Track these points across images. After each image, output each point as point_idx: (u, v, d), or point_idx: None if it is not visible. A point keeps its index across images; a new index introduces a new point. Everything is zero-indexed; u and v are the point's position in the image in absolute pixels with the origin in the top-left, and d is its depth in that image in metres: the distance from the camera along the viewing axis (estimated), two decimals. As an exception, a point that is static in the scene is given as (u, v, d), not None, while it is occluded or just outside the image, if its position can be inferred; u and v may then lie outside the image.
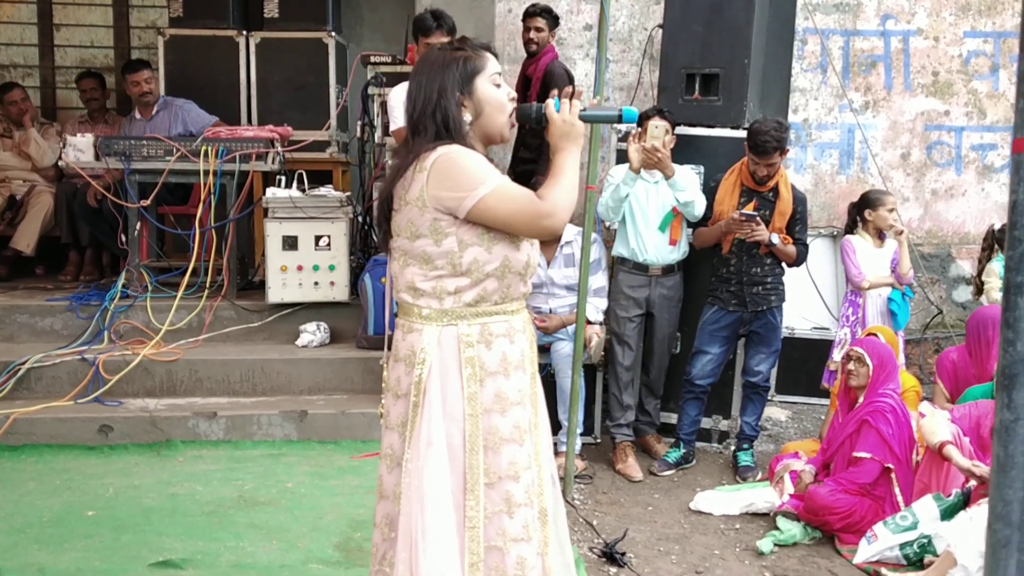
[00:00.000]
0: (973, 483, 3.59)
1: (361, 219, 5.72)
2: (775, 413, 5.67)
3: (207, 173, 5.07)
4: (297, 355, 4.95)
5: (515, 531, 2.14)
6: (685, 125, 4.83)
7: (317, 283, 5.13)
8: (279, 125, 5.53)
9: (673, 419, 4.91)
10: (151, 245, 5.50)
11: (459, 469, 2.11)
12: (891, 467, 3.87)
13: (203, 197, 5.07)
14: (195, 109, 5.89)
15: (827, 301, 5.84)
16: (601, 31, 4.10)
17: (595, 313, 4.70)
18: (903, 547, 3.60)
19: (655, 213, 4.69)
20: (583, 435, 4.69)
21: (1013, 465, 1.45)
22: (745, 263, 4.57)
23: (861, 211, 5.01)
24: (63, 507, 3.76)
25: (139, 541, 3.45)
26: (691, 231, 4.77)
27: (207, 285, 5.21)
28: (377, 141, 5.60)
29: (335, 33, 6.21)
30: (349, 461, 4.32)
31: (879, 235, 4.97)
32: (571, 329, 4.45)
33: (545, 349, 4.63)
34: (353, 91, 6.08)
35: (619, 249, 4.82)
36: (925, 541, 3.57)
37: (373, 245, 5.60)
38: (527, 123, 2.25)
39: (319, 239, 5.11)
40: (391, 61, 5.80)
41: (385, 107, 5.47)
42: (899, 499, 3.85)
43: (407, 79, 2.46)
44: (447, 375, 2.12)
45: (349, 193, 5.58)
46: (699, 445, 4.94)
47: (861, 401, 4.03)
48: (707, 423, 4.99)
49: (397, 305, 2.24)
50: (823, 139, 6.47)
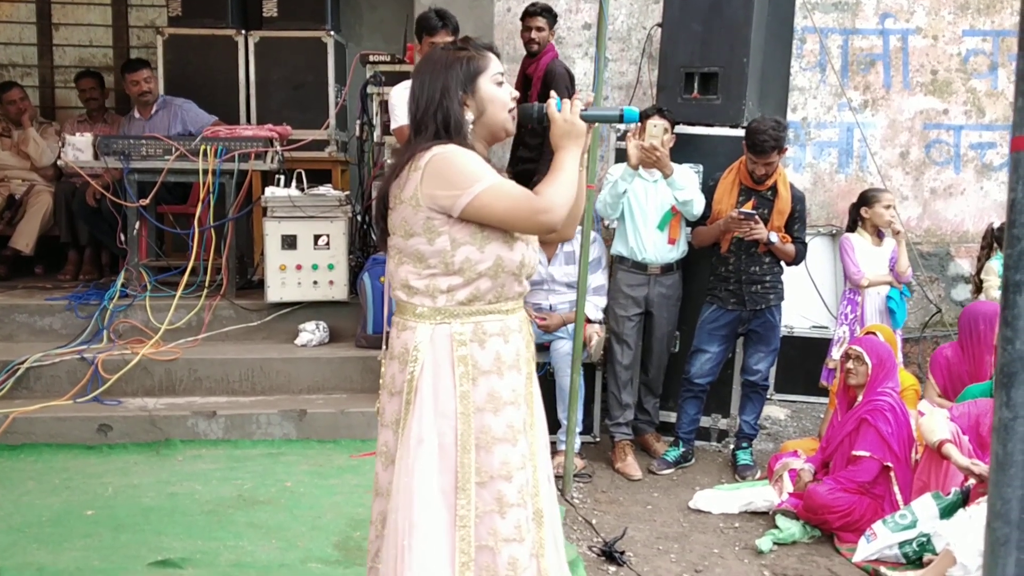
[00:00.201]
0: (972, 481, 3.59)
1: (360, 218, 5.72)
2: (774, 412, 5.67)
3: (206, 172, 5.07)
4: (296, 354, 4.95)
5: (507, 531, 2.13)
6: (684, 124, 4.83)
7: (316, 282, 5.13)
8: (278, 124, 5.52)
9: (672, 418, 4.91)
10: (150, 244, 5.49)
11: (451, 468, 2.10)
12: (890, 466, 3.87)
13: (202, 196, 5.07)
14: (194, 108, 5.88)
15: (826, 300, 5.84)
16: (600, 30, 4.10)
17: (595, 312, 4.71)
18: (902, 546, 3.60)
19: (654, 212, 4.70)
20: (582, 434, 4.69)
21: (1012, 463, 1.45)
22: (744, 262, 4.58)
23: (858, 209, 5.02)
24: (62, 506, 3.75)
25: (138, 540, 3.44)
26: (690, 230, 4.78)
27: (206, 284, 5.21)
28: (376, 140, 5.60)
29: (334, 32, 6.20)
30: (348, 460, 4.32)
31: (877, 233, 4.98)
32: (571, 328, 4.45)
33: (545, 347, 4.63)
34: (352, 90, 6.08)
35: (618, 248, 4.82)
36: (924, 540, 3.57)
37: (372, 244, 5.60)
38: (529, 123, 2.25)
39: (318, 238, 5.11)
40: (390, 60, 5.79)
41: (384, 106, 5.47)
42: (898, 498, 3.85)
43: (406, 78, 2.47)
44: (439, 373, 2.12)
45: (348, 192, 5.58)
46: (698, 444, 4.95)
47: (860, 400, 4.03)
48: (706, 422, 4.99)
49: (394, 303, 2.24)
50: (822, 138, 6.47)
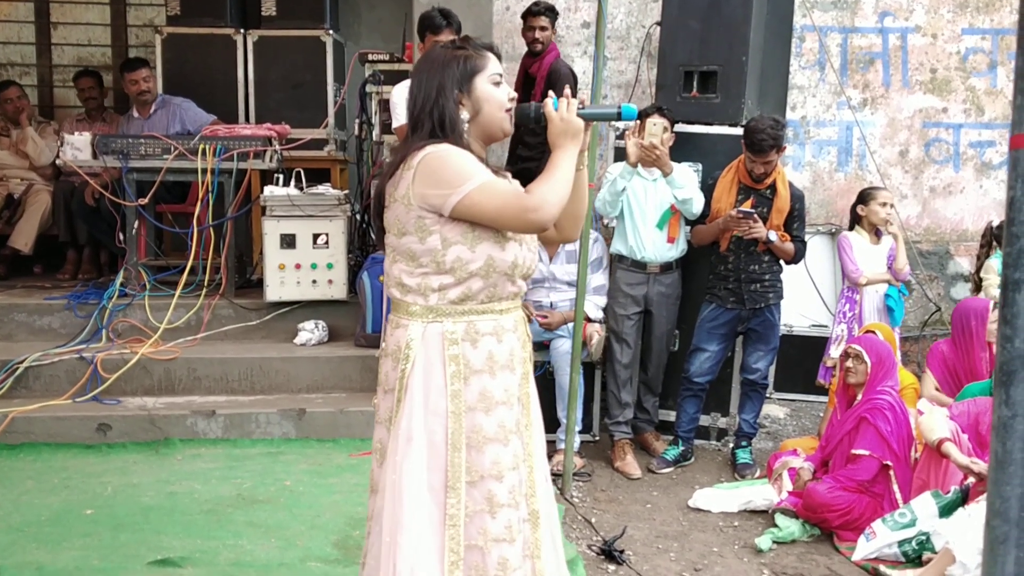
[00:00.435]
0: (971, 480, 3.59)
1: (359, 217, 5.72)
2: (773, 410, 5.67)
3: (205, 171, 5.07)
4: (295, 353, 4.94)
5: (497, 531, 2.13)
6: (683, 123, 4.82)
7: (315, 281, 5.13)
8: (277, 123, 5.51)
9: (671, 417, 4.91)
10: (149, 243, 5.49)
11: (440, 466, 2.10)
12: (890, 464, 3.87)
13: (201, 195, 5.07)
14: (193, 107, 5.88)
15: (825, 298, 5.84)
16: (599, 29, 4.09)
17: (595, 311, 4.71)
18: (902, 544, 3.60)
19: (653, 211, 4.69)
20: (582, 433, 4.69)
21: (1011, 461, 1.45)
22: (743, 260, 4.58)
23: (855, 207, 5.03)
24: (61, 506, 3.75)
25: (138, 540, 3.44)
26: (689, 229, 4.78)
27: (205, 283, 5.20)
28: (375, 139, 5.60)
29: (333, 31, 6.20)
30: (347, 459, 4.32)
31: (875, 232, 4.98)
32: (571, 326, 4.45)
33: (545, 346, 4.64)
34: (351, 89, 6.08)
35: (617, 247, 4.82)
36: (924, 538, 3.57)
37: (371, 243, 5.60)
38: (526, 123, 2.23)
39: (317, 237, 5.10)
40: (389, 59, 5.79)
41: (383, 105, 5.47)
42: (897, 496, 3.85)
43: (405, 77, 2.46)
44: (431, 371, 2.12)
45: (347, 191, 5.58)
46: (697, 443, 4.95)
47: (860, 398, 4.03)
48: (705, 420, 4.99)
49: None
50: (821, 136, 6.46)
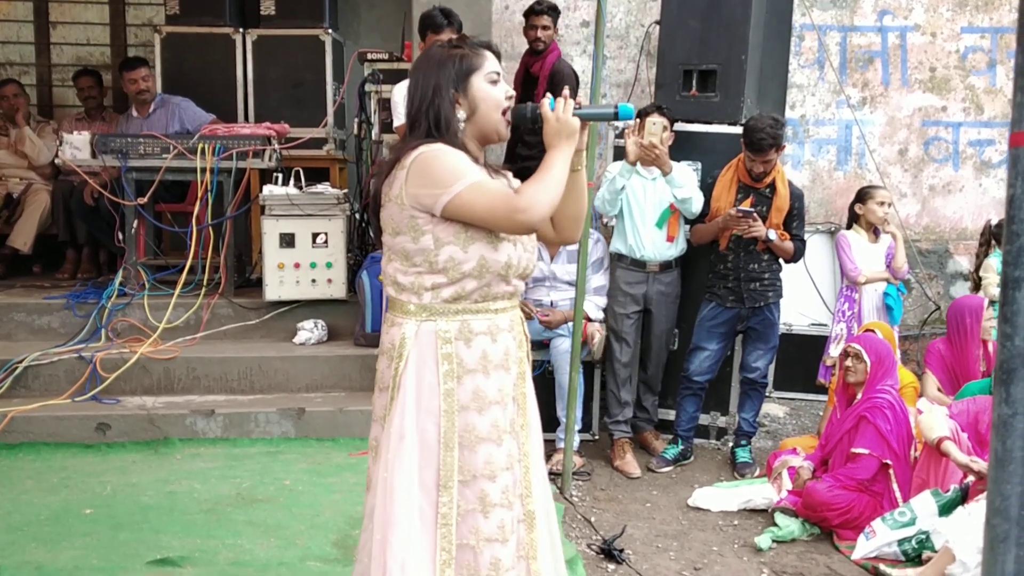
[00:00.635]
0: (971, 479, 3.59)
1: (358, 216, 5.71)
2: (773, 409, 5.67)
3: (204, 171, 5.06)
4: (295, 353, 4.94)
5: (489, 531, 2.13)
6: (682, 121, 4.83)
7: (314, 280, 5.13)
8: (276, 122, 5.51)
9: (671, 415, 4.91)
10: (148, 243, 5.48)
11: (433, 464, 2.10)
12: (889, 463, 3.87)
13: (200, 195, 5.07)
14: (192, 107, 5.87)
15: (824, 297, 5.84)
16: (598, 28, 4.09)
17: (596, 311, 4.71)
18: (901, 543, 3.61)
19: (652, 210, 4.69)
20: (581, 432, 4.69)
21: (1011, 460, 1.45)
22: (742, 259, 4.57)
23: (853, 206, 5.03)
24: (61, 505, 3.75)
25: (137, 539, 3.44)
26: (688, 227, 4.77)
27: (204, 283, 5.20)
28: (374, 138, 5.60)
29: (332, 30, 6.19)
30: (347, 458, 4.31)
31: (873, 230, 4.98)
32: (571, 325, 4.45)
33: (545, 345, 4.64)
34: (350, 88, 6.08)
35: (616, 245, 4.82)
36: (923, 537, 3.58)
37: (370, 242, 5.59)
38: (523, 124, 2.22)
39: (316, 236, 5.10)
40: (388, 58, 5.79)
41: (382, 104, 5.46)
42: (897, 495, 3.86)
43: (405, 76, 2.45)
44: (423, 370, 2.11)
45: (346, 190, 5.57)
46: (697, 441, 4.95)
47: (859, 397, 4.03)
48: (705, 419, 4.98)
49: None
50: (820, 135, 6.46)
